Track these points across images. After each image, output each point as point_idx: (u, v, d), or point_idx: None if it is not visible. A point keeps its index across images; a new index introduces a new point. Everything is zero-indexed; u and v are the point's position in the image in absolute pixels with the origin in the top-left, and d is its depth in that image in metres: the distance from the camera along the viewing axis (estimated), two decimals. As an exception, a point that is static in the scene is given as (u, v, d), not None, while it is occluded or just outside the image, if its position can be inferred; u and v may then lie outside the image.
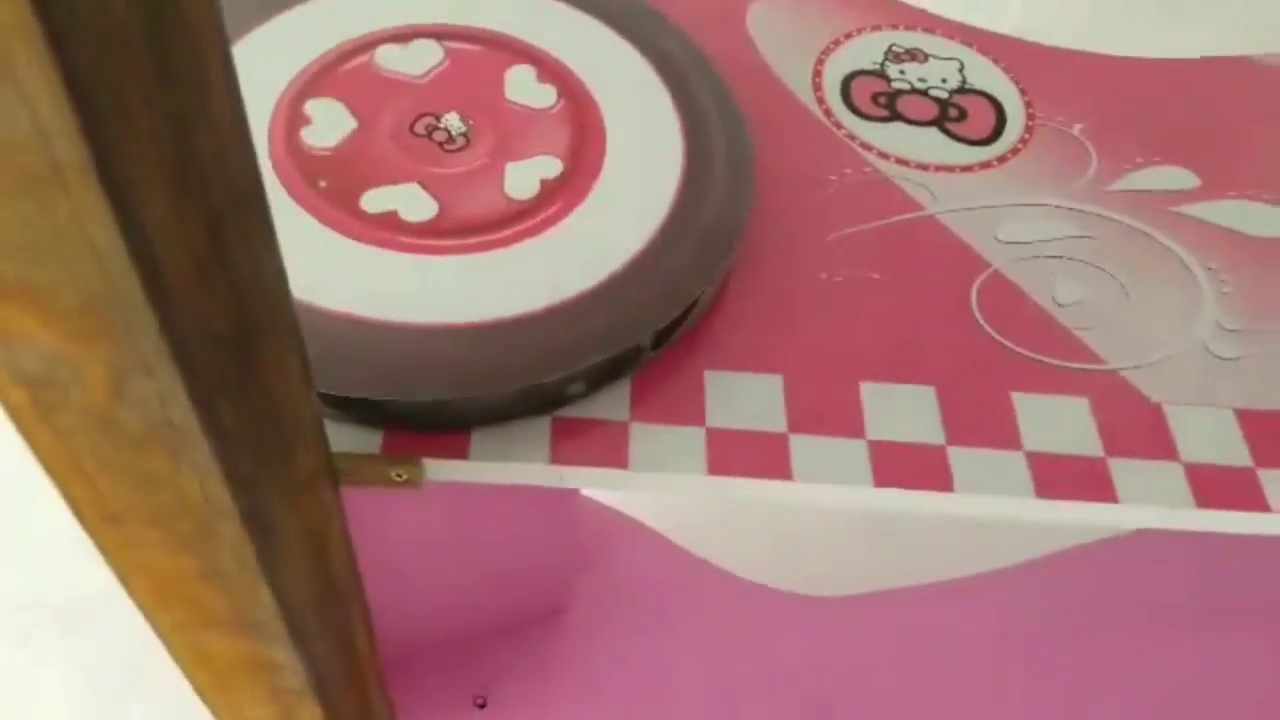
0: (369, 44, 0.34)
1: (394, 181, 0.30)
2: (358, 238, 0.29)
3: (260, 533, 0.20)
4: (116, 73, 0.12)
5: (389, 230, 0.29)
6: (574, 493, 0.67)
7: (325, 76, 0.33)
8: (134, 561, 0.20)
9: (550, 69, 0.34)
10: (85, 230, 0.12)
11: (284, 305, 0.18)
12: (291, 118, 0.31)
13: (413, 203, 0.30)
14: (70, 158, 0.12)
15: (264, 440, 0.19)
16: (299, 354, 0.20)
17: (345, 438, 0.27)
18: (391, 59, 0.34)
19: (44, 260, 0.13)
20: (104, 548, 0.19)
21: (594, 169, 0.32)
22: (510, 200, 0.31)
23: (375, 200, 0.30)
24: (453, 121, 0.32)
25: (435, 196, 0.30)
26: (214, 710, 0.26)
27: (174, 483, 0.17)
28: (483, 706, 0.67)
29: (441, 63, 0.34)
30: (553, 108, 0.33)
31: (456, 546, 0.58)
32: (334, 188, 0.30)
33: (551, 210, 0.31)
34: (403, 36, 0.34)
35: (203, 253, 0.15)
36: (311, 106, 0.32)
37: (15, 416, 0.16)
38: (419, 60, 0.34)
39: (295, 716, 0.26)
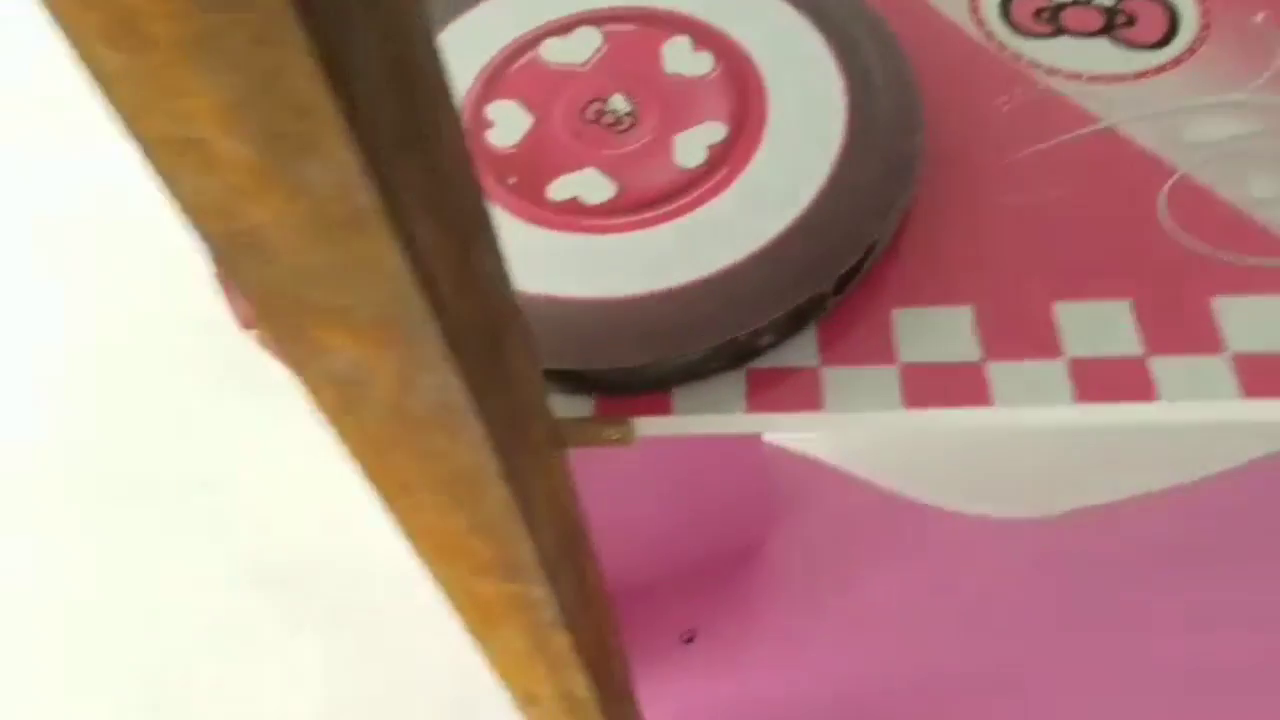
0: (533, 40, 0.36)
1: (573, 169, 0.33)
2: (548, 225, 0.32)
3: (518, 490, 0.22)
4: (390, 136, 0.14)
5: (572, 214, 0.32)
6: (763, 441, 0.69)
7: (499, 79, 0.35)
8: (419, 523, 0.23)
9: (704, 35, 0.35)
10: (379, 260, 0.15)
11: (512, 296, 0.21)
12: (476, 123, 0.34)
13: (592, 187, 0.32)
14: (366, 204, 0.14)
15: (513, 414, 0.22)
16: (528, 337, 0.23)
17: (559, 405, 0.29)
18: (555, 51, 0.36)
19: (348, 286, 0.16)
20: (395, 512, 0.22)
21: (758, 125, 0.33)
22: (682, 170, 0.32)
23: (559, 189, 0.32)
24: (618, 103, 0.34)
25: (612, 177, 0.32)
26: (483, 644, 0.30)
27: (452, 455, 0.20)
28: (690, 641, 0.70)
29: (601, 47, 0.36)
30: (711, 73, 0.34)
31: (661, 495, 0.60)
32: (521, 183, 0.33)
33: (721, 174, 0.32)
34: (563, 28, 0.36)
35: (460, 265, 0.17)
36: (492, 110, 0.34)
37: (327, 411, 0.19)
38: (580, 48, 0.36)
39: (549, 645, 0.29)
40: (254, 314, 0.17)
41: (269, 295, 0.17)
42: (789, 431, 0.29)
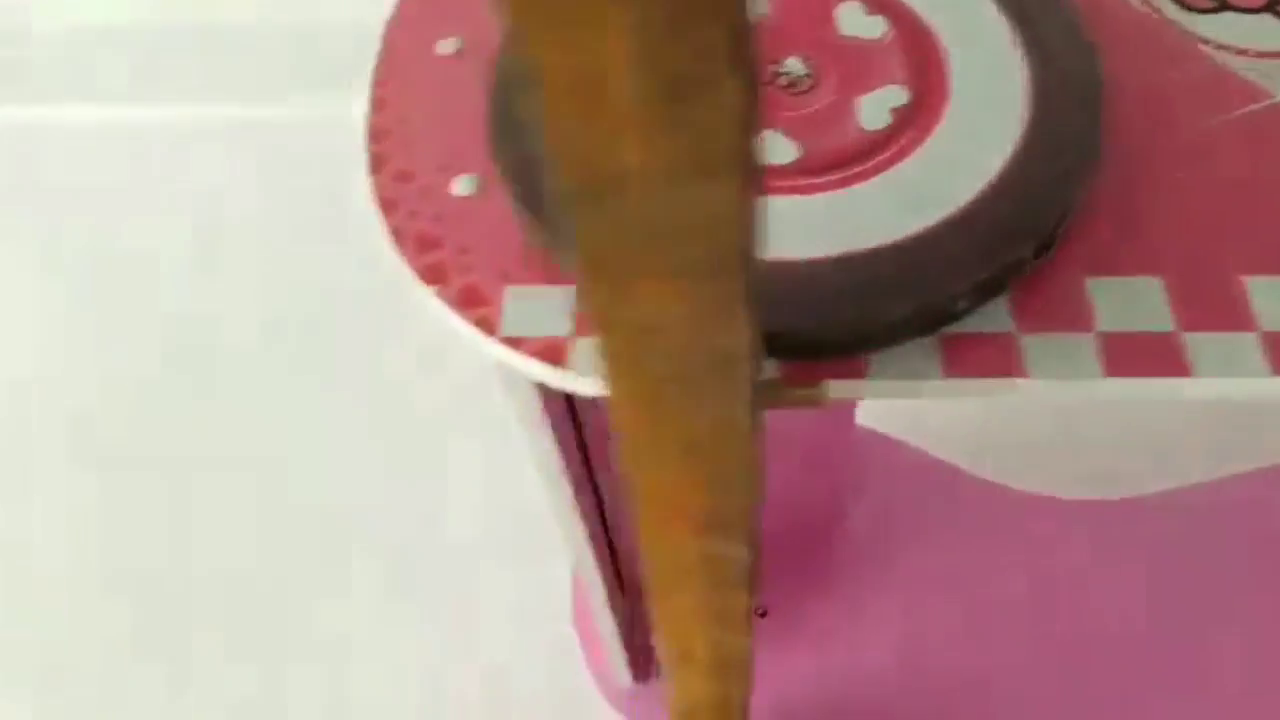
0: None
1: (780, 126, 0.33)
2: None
3: (753, 449, 0.22)
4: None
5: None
6: (849, 416, 0.69)
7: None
8: (658, 479, 0.23)
9: (875, 2, 0.35)
10: (729, 209, 0.16)
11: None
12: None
13: (776, 149, 0.32)
14: (740, 151, 0.14)
15: (754, 372, 0.22)
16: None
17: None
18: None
19: (693, 236, 0.16)
20: (640, 468, 0.23)
21: (941, 90, 0.33)
22: (866, 132, 0.32)
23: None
24: (794, 65, 0.34)
25: (795, 139, 0.32)
26: (661, 602, 0.30)
27: (717, 409, 0.20)
28: (764, 615, 0.70)
29: (768, 12, 0.35)
30: (885, 37, 0.34)
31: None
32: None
33: (907, 137, 0.32)
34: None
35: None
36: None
37: (621, 361, 0.19)
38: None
39: (726, 605, 0.29)
40: (581, 265, 0.17)
41: (605, 245, 0.17)
42: (984, 396, 0.29)
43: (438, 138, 0.36)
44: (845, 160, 0.32)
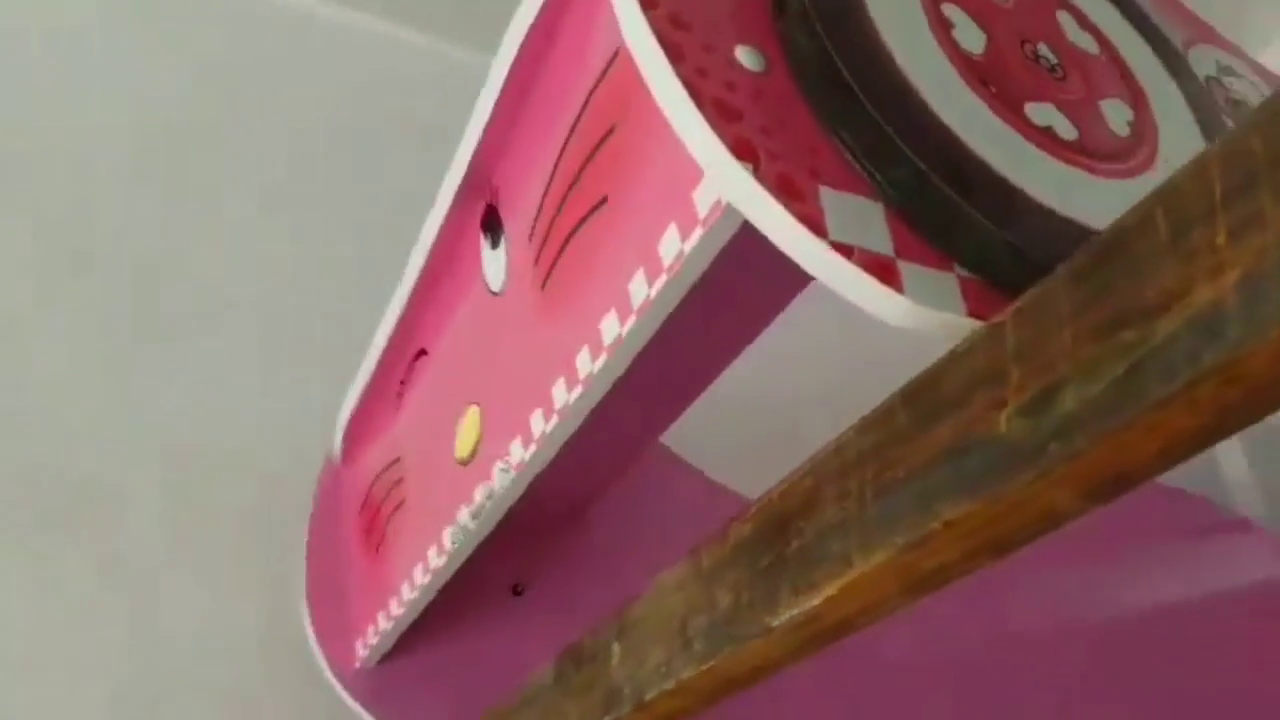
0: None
1: (1036, 99, 0.32)
2: (1035, 144, 0.31)
3: None
4: None
5: (1052, 142, 0.32)
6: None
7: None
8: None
9: (1082, 20, 0.37)
10: None
11: None
12: (938, 21, 0.32)
13: (1059, 123, 0.32)
14: None
15: None
16: None
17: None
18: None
19: None
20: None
21: (1147, 110, 0.36)
22: (1118, 137, 0.34)
23: (1035, 113, 0.32)
24: (1046, 51, 0.35)
25: (1070, 120, 0.33)
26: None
27: None
28: (519, 593, 0.68)
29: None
30: (1101, 55, 0.36)
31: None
32: (1000, 94, 0.32)
33: (1145, 150, 0.34)
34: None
35: None
36: (948, 10, 0.33)
37: None
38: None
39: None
40: None
41: None
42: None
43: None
44: (1116, 155, 0.33)
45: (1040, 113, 0.32)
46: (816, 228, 0.27)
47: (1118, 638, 0.77)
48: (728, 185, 0.28)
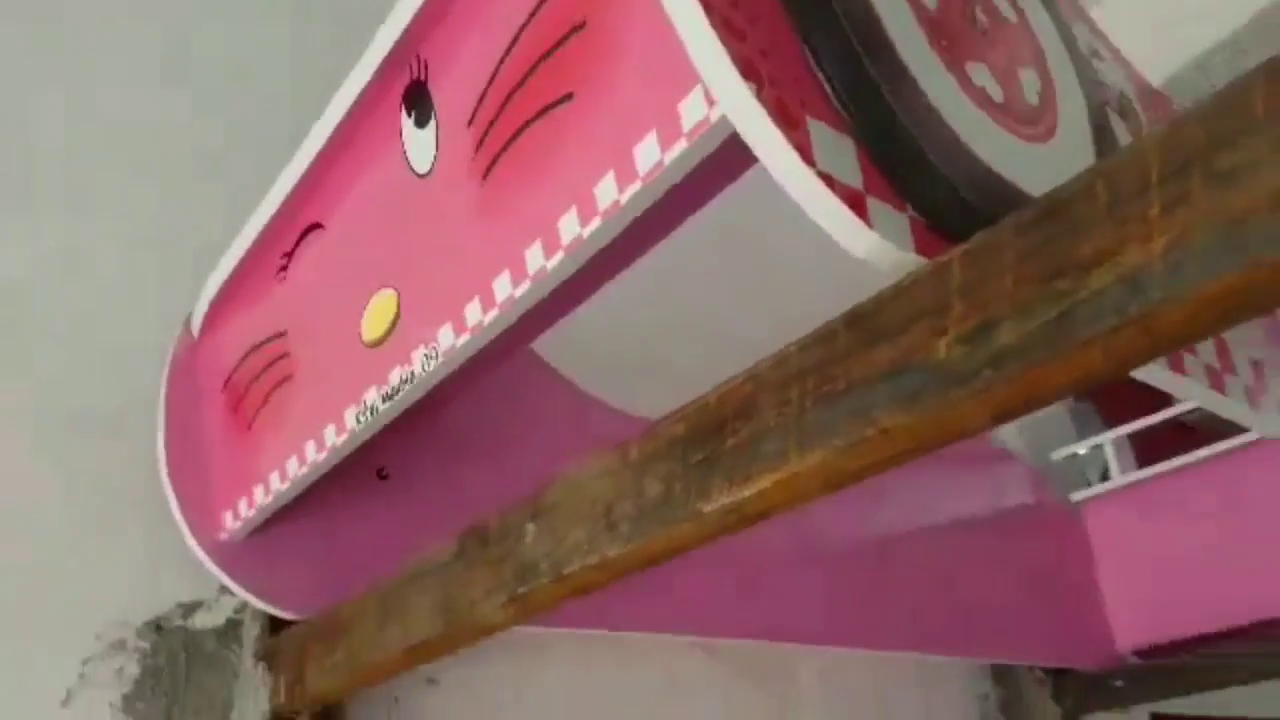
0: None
1: (975, 59, 0.36)
2: (976, 104, 0.35)
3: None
4: None
5: (988, 103, 0.36)
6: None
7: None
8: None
9: (1003, -11, 0.41)
10: None
11: None
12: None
13: (990, 84, 0.37)
14: None
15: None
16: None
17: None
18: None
19: None
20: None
21: (1053, 86, 0.40)
22: (1029, 103, 0.38)
23: (975, 73, 0.36)
24: (979, 14, 0.38)
25: (999, 83, 0.37)
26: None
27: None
28: (384, 477, 0.70)
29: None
30: (1017, 24, 0.41)
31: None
32: (949, 50, 0.35)
33: (1049, 120, 0.39)
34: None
35: None
36: (910, -35, 0.36)
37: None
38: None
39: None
40: None
41: None
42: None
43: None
44: (1028, 121, 0.38)
45: (977, 72, 0.36)
46: (806, 156, 0.30)
47: (918, 536, 0.89)
48: (731, 104, 0.30)
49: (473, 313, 0.42)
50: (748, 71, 0.30)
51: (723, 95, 0.30)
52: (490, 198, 0.42)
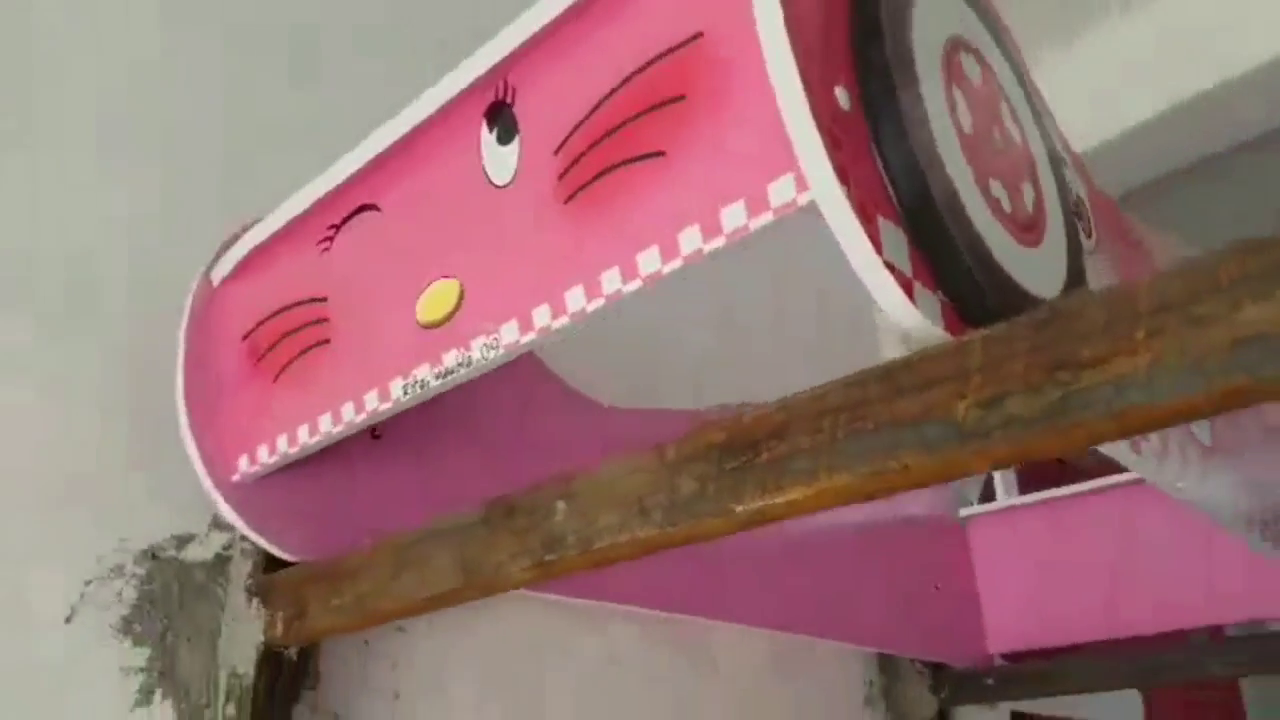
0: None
1: (996, 176, 0.45)
2: (989, 207, 0.44)
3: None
4: None
5: (999, 210, 0.44)
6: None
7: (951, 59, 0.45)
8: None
9: (1012, 113, 0.50)
10: None
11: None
12: (949, 102, 0.43)
13: (1003, 198, 0.45)
14: None
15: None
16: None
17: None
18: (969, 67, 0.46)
19: None
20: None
21: (1042, 198, 0.49)
22: (1028, 213, 0.47)
23: (993, 187, 0.44)
24: (997, 136, 0.47)
25: (1009, 197, 0.46)
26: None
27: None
28: (377, 437, 0.75)
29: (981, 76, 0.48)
30: (1021, 145, 0.49)
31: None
32: (977, 167, 0.44)
33: (1040, 228, 0.48)
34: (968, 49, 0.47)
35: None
36: (955, 93, 0.44)
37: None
38: (974, 73, 0.47)
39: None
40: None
41: None
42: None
43: (823, 39, 0.39)
44: (1027, 229, 0.46)
45: (995, 186, 0.45)
46: (877, 248, 0.38)
47: (823, 534, 1.00)
48: (826, 202, 0.37)
49: (540, 316, 0.49)
50: (841, 176, 0.37)
51: (819, 193, 0.38)
52: (570, 221, 0.48)
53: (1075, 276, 0.49)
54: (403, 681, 0.80)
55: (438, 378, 0.53)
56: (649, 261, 0.45)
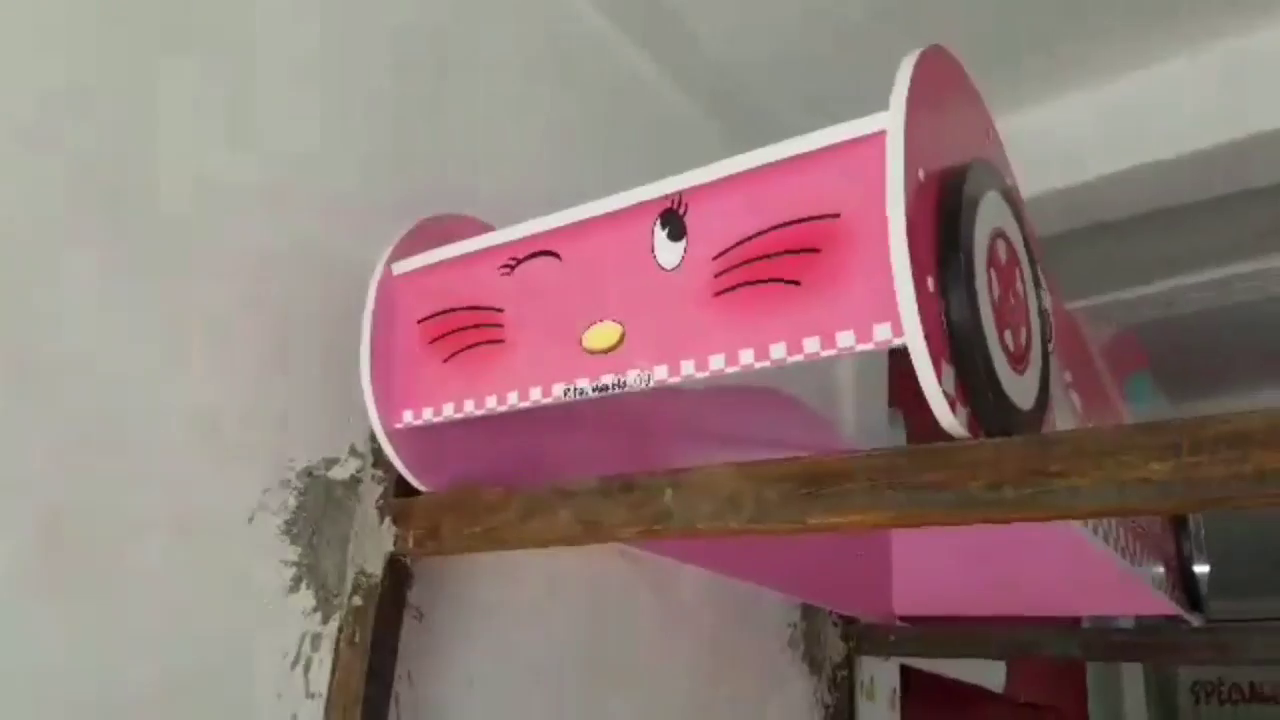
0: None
1: (1009, 327, 0.68)
2: (1003, 348, 0.67)
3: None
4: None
5: (1006, 350, 0.68)
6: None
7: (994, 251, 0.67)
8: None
9: (1022, 276, 0.73)
10: None
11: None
12: (987, 284, 0.66)
13: (1010, 341, 0.69)
14: None
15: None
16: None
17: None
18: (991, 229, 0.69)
19: None
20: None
21: (1032, 334, 0.73)
22: (1021, 347, 0.71)
23: (1006, 335, 0.68)
24: (1011, 297, 0.70)
25: (1014, 339, 0.69)
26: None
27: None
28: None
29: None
30: (1023, 299, 0.73)
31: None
32: (1000, 321, 0.67)
33: (1027, 359, 0.72)
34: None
35: None
36: (990, 275, 0.67)
37: None
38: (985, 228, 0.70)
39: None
40: None
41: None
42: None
43: (923, 239, 0.62)
44: (1019, 361, 0.70)
45: (1007, 336, 0.68)
46: (940, 381, 0.61)
47: None
48: (915, 350, 0.60)
49: (687, 367, 0.70)
50: (925, 335, 0.60)
51: (911, 343, 0.60)
52: (721, 309, 0.70)
53: (1044, 392, 0.73)
54: (465, 592, 1.03)
55: (594, 390, 0.75)
56: (776, 351, 0.67)
